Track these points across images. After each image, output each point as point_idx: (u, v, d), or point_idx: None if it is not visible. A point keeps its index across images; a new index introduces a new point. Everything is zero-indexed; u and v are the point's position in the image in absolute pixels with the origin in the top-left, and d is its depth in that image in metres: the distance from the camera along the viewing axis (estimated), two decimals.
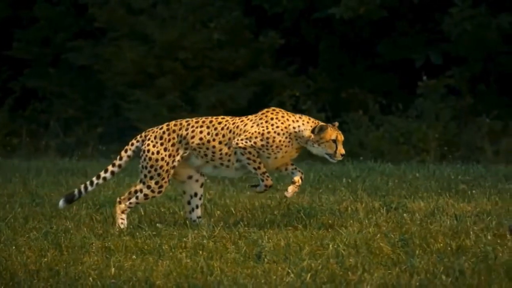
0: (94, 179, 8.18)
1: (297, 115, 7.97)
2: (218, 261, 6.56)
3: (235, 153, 7.91)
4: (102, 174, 8.18)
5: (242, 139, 7.87)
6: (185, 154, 7.98)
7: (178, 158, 7.99)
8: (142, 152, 8.05)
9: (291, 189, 7.96)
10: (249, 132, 7.89)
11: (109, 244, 7.06)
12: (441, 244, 7.09)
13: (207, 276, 5.95)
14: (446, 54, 19.17)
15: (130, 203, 8.05)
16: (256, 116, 7.99)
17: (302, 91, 19.56)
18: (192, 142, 7.93)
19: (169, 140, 7.99)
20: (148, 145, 7.99)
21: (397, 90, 19.75)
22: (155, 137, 8.04)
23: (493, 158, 17.73)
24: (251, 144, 7.85)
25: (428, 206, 9.10)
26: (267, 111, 8.00)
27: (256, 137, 7.86)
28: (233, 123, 7.98)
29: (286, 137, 7.88)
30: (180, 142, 7.98)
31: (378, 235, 7.51)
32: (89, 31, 20.26)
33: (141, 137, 8.17)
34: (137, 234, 7.51)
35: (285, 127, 7.89)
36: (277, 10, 19.44)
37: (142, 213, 8.68)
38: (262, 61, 19.81)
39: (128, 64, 19.23)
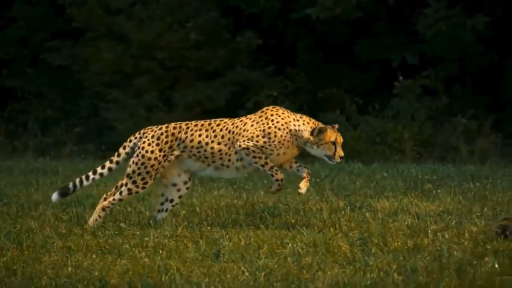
0: (90, 174, 8.23)
1: (298, 115, 7.99)
2: (176, 260, 6.63)
3: (236, 153, 7.91)
4: (99, 169, 8.23)
5: (244, 141, 7.88)
6: (180, 156, 8.02)
7: (171, 158, 8.04)
8: (136, 148, 8.09)
9: (303, 184, 7.94)
10: (250, 132, 7.91)
11: (70, 243, 7.11)
12: (399, 243, 7.18)
13: (161, 275, 6.01)
14: (422, 55, 19.33)
15: (114, 199, 8.10)
16: (255, 115, 8.02)
17: (279, 91, 19.68)
18: (191, 146, 7.97)
19: (166, 142, 8.03)
20: (144, 142, 8.04)
21: (374, 90, 19.87)
22: (152, 136, 8.07)
23: (468, 158, 17.88)
24: (254, 143, 7.85)
25: (392, 205, 9.20)
26: (267, 109, 8.03)
27: (257, 136, 7.87)
28: (233, 124, 8.01)
29: (287, 133, 7.87)
30: (178, 145, 8.01)
31: (339, 234, 7.61)
32: (67, 31, 20.29)
33: (139, 134, 8.22)
34: (99, 233, 7.56)
35: (286, 123, 7.90)
36: (254, 10, 19.54)
37: (108, 213, 8.72)
38: (240, 61, 19.90)
39: (106, 64, 19.28)
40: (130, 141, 8.22)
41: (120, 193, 8.10)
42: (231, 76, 19.64)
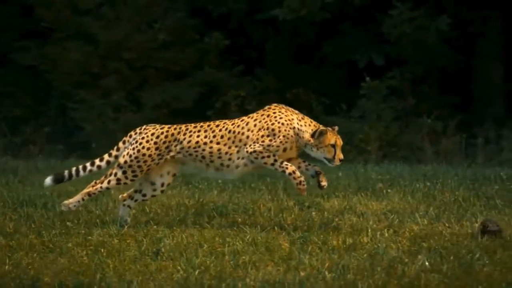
0: (87, 164, 8.26)
1: (300, 115, 8.00)
2: (115, 258, 6.72)
3: (244, 158, 7.90)
4: (97, 162, 8.25)
5: (250, 145, 7.87)
6: (178, 157, 8.02)
7: (167, 157, 8.05)
8: (134, 141, 8.13)
9: (322, 178, 7.94)
10: (254, 134, 7.89)
11: (13, 242, 7.18)
12: (339, 241, 7.31)
13: (95, 273, 6.10)
14: (388, 56, 19.50)
15: (101, 187, 8.14)
16: (258, 113, 8.00)
17: (248, 91, 19.79)
18: (188, 147, 7.98)
19: (164, 142, 8.04)
20: (143, 138, 8.08)
21: (340, 90, 20.02)
22: (152, 134, 8.09)
23: (433, 158, 18.06)
24: (260, 144, 7.84)
25: (341, 204, 9.32)
26: (269, 108, 8.01)
27: (262, 136, 7.87)
28: (233, 124, 8.00)
29: (290, 128, 7.84)
30: (175, 146, 8.02)
31: (283, 233, 7.72)
32: (36, 31, 20.31)
33: (140, 129, 8.22)
34: (44, 232, 7.63)
35: (289, 120, 7.89)
36: (222, 11, 19.65)
37: (58, 213, 8.80)
38: (208, 61, 19.99)
39: (73, 64, 19.32)
40: (130, 136, 8.24)
41: (109, 182, 8.14)
42: (199, 76, 19.73)
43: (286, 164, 7.85)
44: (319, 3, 18.28)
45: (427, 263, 6.41)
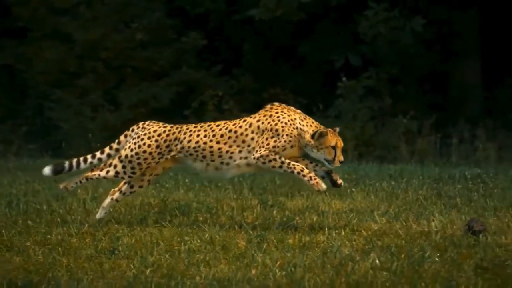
0: (88, 157, 8.28)
1: (303, 114, 7.98)
2: (71, 257, 6.77)
3: (256, 164, 7.86)
4: (98, 154, 8.28)
5: (256, 151, 7.84)
6: (179, 156, 8.03)
7: (167, 157, 8.06)
8: (136, 136, 8.16)
9: (335, 176, 7.93)
10: (260, 138, 7.86)
11: None
12: (295, 240, 7.39)
13: (47, 272, 6.16)
14: (365, 56, 19.60)
15: (99, 174, 8.19)
16: (259, 114, 7.98)
17: (225, 91, 19.86)
18: (189, 146, 7.98)
19: (165, 141, 8.05)
20: (145, 134, 8.09)
21: (317, 90, 20.13)
22: (155, 131, 8.09)
23: (408, 158, 18.18)
24: (265, 148, 7.81)
25: (304, 203, 9.40)
26: (271, 107, 7.99)
27: (266, 139, 7.84)
28: (234, 124, 7.98)
29: (294, 128, 7.82)
30: (176, 145, 8.02)
31: (243, 232, 7.80)
32: (12, 30, 20.32)
33: (143, 124, 8.24)
34: (4, 231, 7.68)
35: (292, 120, 7.87)
36: (199, 11, 19.72)
37: (21, 211, 8.85)
38: (185, 61, 20.06)
39: (50, 64, 19.35)
40: (133, 130, 8.26)
41: (107, 172, 8.17)
42: (176, 76, 19.79)
43: (294, 164, 7.79)
44: (295, 3, 18.36)
45: (377, 261, 6.50)
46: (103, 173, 8.20)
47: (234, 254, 6.88)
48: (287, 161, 7.79)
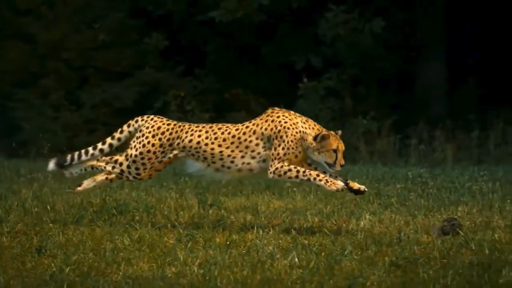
0: (90, 149, 8.24)
1: (304, 117, 7.93)
2: None
3: (273, 178, 7.84)
4: (100, 145, 8.22)
5: (270, 165, 7.78)
6: (181, 155, 8.03)
7: (170, 156, 8.04)
8: (140, 131, 8.08)
9: (351, 184, 7.85)
10: (270, 154, 7.82)
11: None
12: (223, 238, 7.51)
13: None
14: (326, 57, 19.77)
15: (105, 167, 8.14)
16: (261, 119, 7.95)
17: (188, 91, 19.99)
18: (190, 146, 7.97)
19: (168, 139, 8.01)
20: (149, 132, 8.04)
21: (279, 91, 20.28)
22: (158, 128, 8.03)
23: (368, 159, 18.35)
24: (277, 160, 7.75)
25: (244, 203, 9.52)
26: (272, 112, 7.95)
27: (275, 149, 7.78)
28: (237, 130, 7.94)
29: (297, 132, 7.79)
30: (178, 144, 8.00)
31: (175, 231, 7.90)
32: None
33: (148, 117, 8.17)
34: None
35: (294, 123, 7.82)
36: (161, 12, 19.83)
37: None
38: (148, 61, 20.17)
39: (12, 64, 19.40)
40: (136, 121, 8.18)
41: (112, 168, 8.13)
42: (139, 76, 19.90)
43: (308, 171, 7.74)
44: (255, 5, 18.50)
45: (296, 259, 6.62)
46: (108, 167, 8.15)
47: (158, 252, 6.98)
48: (302, 169, 7.74)
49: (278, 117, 7.86)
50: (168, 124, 8.08)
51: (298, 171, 7.73)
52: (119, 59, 19.85)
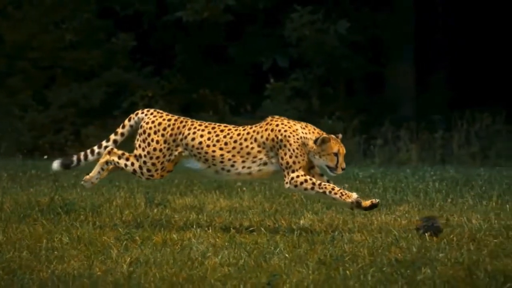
0: (95, 148, 8.19)
1: (303, 123, 7.94)
2: None
3: (289, 189, 7.87)
4: (104, 143, 8.17)
5: (284, 176, 7.79)
6: (183, 153, 7.99)
7: (175, 153, 8.00)
8: (142, 128, 8.00)
9: (363, 202, 7.73)
10: (279, 164, 7.80)
11: None
12: (160, 237, 7.59)
13: None
14: (292, 58, 19.91)
15: (118, 163, 8.07)
16: (261, 127, 7.98)
17: (156, 92, 20.07)
18: (192, 145, 7.94)
19: (171, 135, 7.95)
20: (151, 128, 7.97)
21: (246, 92, 20.41)
22: (159, 124, 7.95)
23: None
24: (291, 170, 7.78)
25: (191, 202, 9.61)
26: (271, 120, 7.98)
27: (282, 159, 7.77)
28: (238, 135, 7.97)
29: (298, 138, 7.80)
30: (181, 140, 7.95)
31: (115, 230, 7.97)
32: None
33: (148, 111, 8.10)
34: None
35: (294, 130, 7.83)
36: (129, 12, 19.91)
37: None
38: (116, 62, 20.23)
39: None
40: (137, 114, 8.11)
41: (125, 166, 8.06)
42: (106, 76, 19.96)
43: (324, 184, 7.75)
44: (222, 5, 18.61)
45: (227, 257, 6.71)
46: (122, 163, 8.05)
47: (94, 251, 7.06)
48: (318, 182, 7.74)
49: (277, 125, 7.88)
50: (169, 120, 8.02)
51: (314, 184, 7.73)
52: (86, 59, 19.92)
